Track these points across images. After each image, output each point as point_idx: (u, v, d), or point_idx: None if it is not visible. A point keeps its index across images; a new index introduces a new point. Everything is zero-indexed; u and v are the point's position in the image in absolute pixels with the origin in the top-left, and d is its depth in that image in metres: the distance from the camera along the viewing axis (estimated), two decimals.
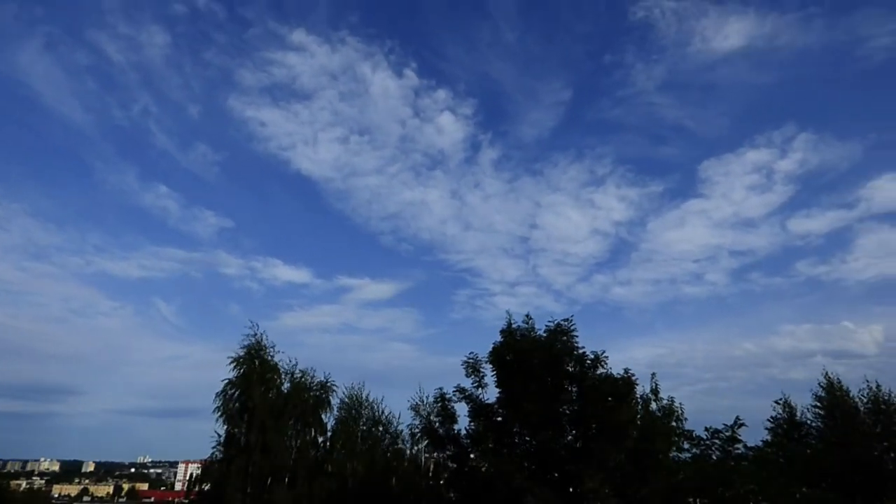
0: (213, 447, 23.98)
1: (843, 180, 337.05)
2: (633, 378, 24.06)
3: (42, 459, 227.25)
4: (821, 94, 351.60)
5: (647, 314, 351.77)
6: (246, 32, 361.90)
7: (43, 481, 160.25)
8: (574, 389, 24.03)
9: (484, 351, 24.60)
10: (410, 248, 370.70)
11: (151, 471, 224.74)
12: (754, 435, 27.76)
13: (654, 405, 24.27)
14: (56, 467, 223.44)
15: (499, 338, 25.10)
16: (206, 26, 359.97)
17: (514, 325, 25.10)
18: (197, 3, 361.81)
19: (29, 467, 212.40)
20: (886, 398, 28.22)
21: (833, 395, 28.91)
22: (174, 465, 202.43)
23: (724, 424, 23.87)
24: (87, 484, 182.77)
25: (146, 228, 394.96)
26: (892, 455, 27.96)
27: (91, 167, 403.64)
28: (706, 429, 23.97)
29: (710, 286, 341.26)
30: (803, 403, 30.09)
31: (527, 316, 25.19)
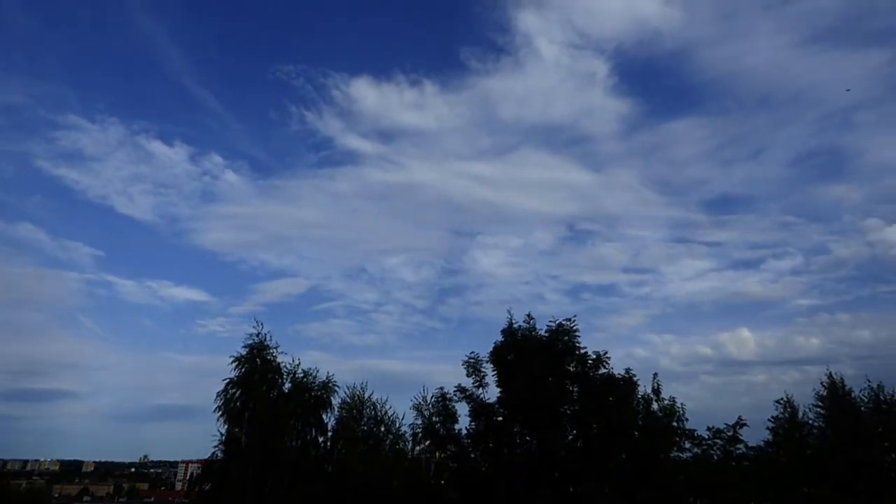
0: (214, 447, 23.97)
1: None
2: (635, 378, 24.08)
3: (42, 459, 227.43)
4: None
5: None
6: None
7: (43, 481, 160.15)
8: (575, 389, 24.03)
9: None
10: None
11: (151, 471, 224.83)
12: (755, 435, 27.73)
13: (655, 405, 24.21)
14: (56, 467, 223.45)
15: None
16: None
17: (515, 325, 25.09)
18: None
19: (29, 467, 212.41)
20: (888, 398, 28.19)
21: (835, 394, 28.86)
22: (174, 465, 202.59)
23: (726, 424, 23.89)
24: (87, 484, 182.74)
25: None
26: (894, 455, 27.94)
27: None
28: (708, 428, 23.97)
29: None
30: (805, 403, 30.08)
31: (528, 315, 25.18)
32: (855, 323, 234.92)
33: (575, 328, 24.21)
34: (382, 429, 26.04)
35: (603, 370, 24.00)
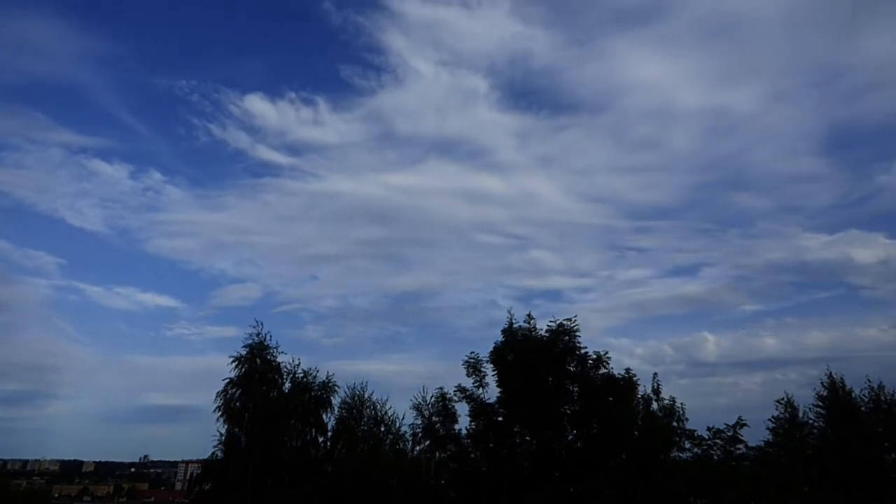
0: (214, 447, 23.98)
1: None
2: (635, 378, 24.09)
3: (42, 459, 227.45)
4: None
5: None
6: None
7: (43, 481, 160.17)
8: (575, 389, 24.03)
9: None
10: None
11: (151, 470, 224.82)
12: (756, 435, 27.72)
13: (655, 405, 24.22)
14: (56, 467, 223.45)
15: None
16: None
17: (515, 325, 25.09)
18: None
19: (29, 467, 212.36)
20: (889, 398, 28.18)
21: (835, 394, 28.85)
22: (174, 464, 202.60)
23: (726, 424, 23.86)
24: (87, 484, 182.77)
25: None
26: (894, 455, 27.92)
27: None
28: (708, 429, 23.95)
29: None
30: (805, 403, 30.07)
31: (528, 315, 25.18)
32: (805, 326, 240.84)
33: (575, 328, 24.22)
34: (382, 429, 26.04)
35: (603, 370, 24.01)
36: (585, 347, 24.18)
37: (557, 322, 24.37)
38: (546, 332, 24.45)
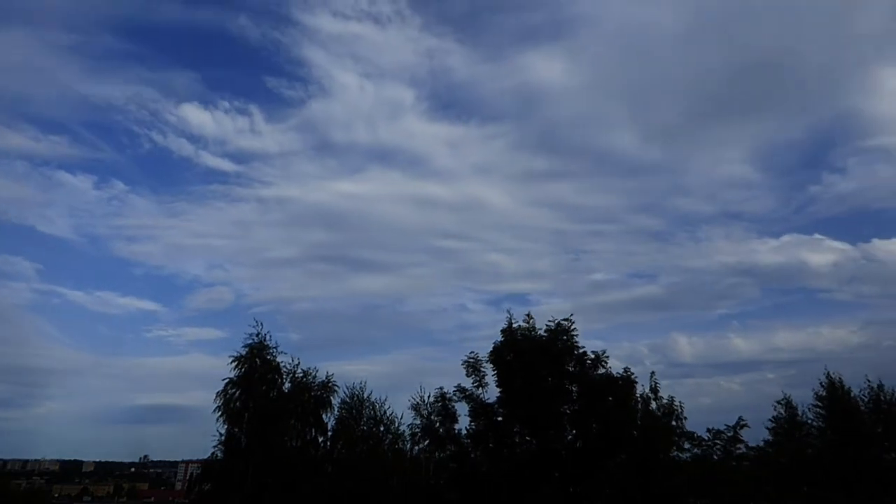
0: (214, 447, 23.98)
1: None
2: (633, 377, 24.10)
3: (42, 459, 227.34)
4: None
5: None
6: None
7: (43, 481, 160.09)
8: (575, 389, 24.05)
9: None
10: None
11: (151, 470, 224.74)
12: (756, 435, 27.74)
13: (653, 404, 24.22)
14: (56, 467, 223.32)
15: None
16: None
17: (514, 325, 25.09)
18: None
19: (29, 467, 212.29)
20: (888, 398, 28.20)
21: (834, 394, 28.85)
22: (174, 464, 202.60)
23: (726, 425, 23.86)
24: (87, 484, 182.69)
25: None
26: (894, 455, 27.93)
27: None
28: (708, 429, 23.96)
29: None
30: (805, 403, 30.09)
31: (527, 315, 25.19)
32: (771, 328, 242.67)
33: (573, 328, 24.26)
34: (382, 428, 26.05)
35: (602, 370, 24.04)
36: (584, 347, 24.24)
37: (556, 322, 24.42)
38: (545, 331, 24.47)
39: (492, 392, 24.59)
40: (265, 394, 24.32)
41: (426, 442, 25.31)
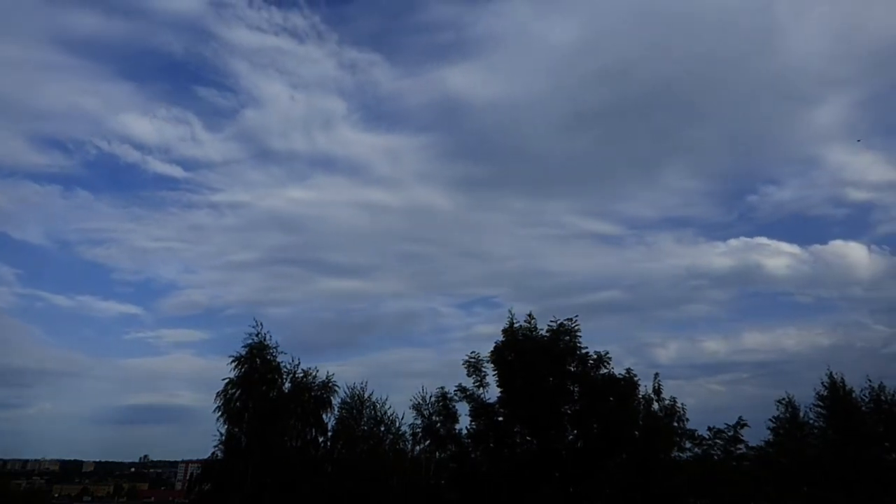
0: (214, 447, 23.95)
1: None
2: (636, 378, 24.06)
3: (42, 459, 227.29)
4: None
5: None
6: None
7: (43, 481, 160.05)
8: (576, 389, 24.01)
9: None
10: None
11: (151, 471, 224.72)
12: (756, 435, 27.70)
13: (655, 405, 24.18)
14: (56, 467, 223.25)
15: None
16: None
17: (515, 325, 25.05)
18: None
19: (29, 467, 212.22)
20: (889, 398, 28.17)
21: (836, 395, 28.83)
22: (174, 464, 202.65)
23: (727, 424, 23.84)
24: (87, 484, 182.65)
25: None
26: (894, 455, 27.92)
27: None
28: (709, 429, 23.93)
29: None
30: (806, 403, 30.07)
31: (529, 315, 25.15)
32: (739, 330, 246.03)
33: (576, 328, 24.21)
34: (382, 428, 26.01)
35: (604, 370, 24.00)
36: (586, 347, 24.20)
37: (558, 322, 24.38)
38: (546, 331, 24.43)
39: (492, 392, 24.60)
40: (265, 394, 24.27)
41: (427, 442, 25.30)
